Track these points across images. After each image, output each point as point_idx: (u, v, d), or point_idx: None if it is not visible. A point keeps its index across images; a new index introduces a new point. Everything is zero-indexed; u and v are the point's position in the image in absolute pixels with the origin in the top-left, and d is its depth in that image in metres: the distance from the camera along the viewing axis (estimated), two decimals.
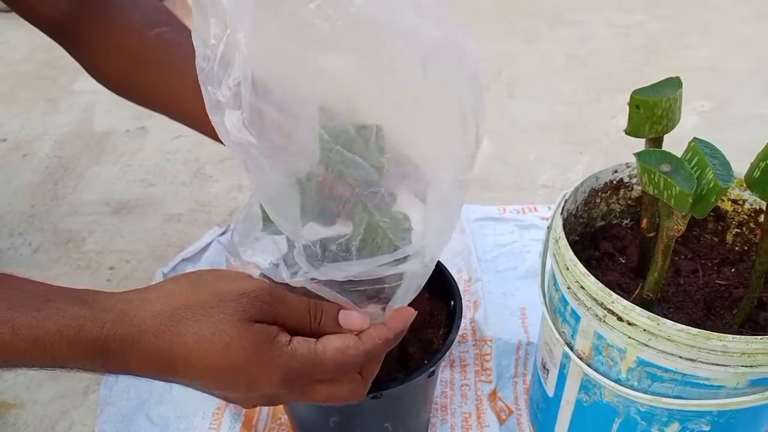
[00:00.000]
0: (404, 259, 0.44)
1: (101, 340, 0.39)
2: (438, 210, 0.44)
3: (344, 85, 0.40)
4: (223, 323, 0.39)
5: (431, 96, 0.40)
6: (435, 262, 0.46)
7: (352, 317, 0.44)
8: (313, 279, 0.43)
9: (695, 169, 0.42)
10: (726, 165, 0.43)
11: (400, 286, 0.45)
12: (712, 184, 0.41)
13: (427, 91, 0.40)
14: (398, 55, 0.39)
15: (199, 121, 0.40)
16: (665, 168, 0.42)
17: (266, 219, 0.46)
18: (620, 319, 0.46)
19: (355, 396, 0.45)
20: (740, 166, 0.49)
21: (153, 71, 0.63)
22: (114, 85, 0.69)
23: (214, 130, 0.39)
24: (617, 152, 1.04)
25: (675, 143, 0.47)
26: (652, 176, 0.42)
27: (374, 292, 0.46)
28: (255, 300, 0.40)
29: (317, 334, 0.43)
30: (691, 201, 0.41)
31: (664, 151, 0.44)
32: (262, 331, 0.40)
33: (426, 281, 0.47)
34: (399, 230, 0.45)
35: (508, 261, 0.84)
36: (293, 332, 0.43)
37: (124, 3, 0.65)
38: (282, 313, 0.42)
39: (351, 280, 0.43)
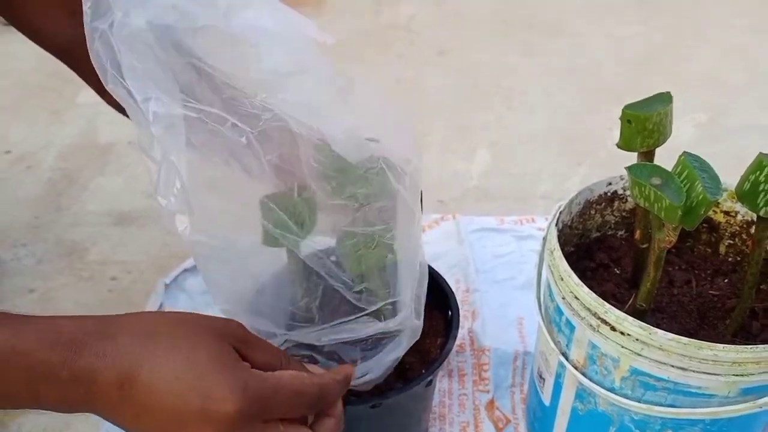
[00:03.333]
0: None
1: (77, 342, 0.39)
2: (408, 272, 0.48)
3: None
4: (195, 333, 0.42)
5: None
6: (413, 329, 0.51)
7: (315, 369, 0.48)
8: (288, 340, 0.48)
9: (685, 182, 0.43)
10: (715, 178, 0.44)
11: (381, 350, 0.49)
12: (701, 197, 0.42)
13: None
14: None
15: None
16: (656, 181, 0.43)
17: (267, 238, 0.48)
18: (613, 328, 0.47)
19: None
20: (736, 178, 0.49)
21: None
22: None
23: None
24: (615, 163, 1.02)
25: (670, 155, 0.48)
26: (643, 189, 0.43)
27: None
28: (226, 331, 0.43)
29: None
30: (680, 213, 0.42)
31: (655, 165, 0.45)
32: (229, 350, 0.42)
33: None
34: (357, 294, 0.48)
35: (506, 271, 0.85)
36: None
37: None
38: (252, 346, 0.44)
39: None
